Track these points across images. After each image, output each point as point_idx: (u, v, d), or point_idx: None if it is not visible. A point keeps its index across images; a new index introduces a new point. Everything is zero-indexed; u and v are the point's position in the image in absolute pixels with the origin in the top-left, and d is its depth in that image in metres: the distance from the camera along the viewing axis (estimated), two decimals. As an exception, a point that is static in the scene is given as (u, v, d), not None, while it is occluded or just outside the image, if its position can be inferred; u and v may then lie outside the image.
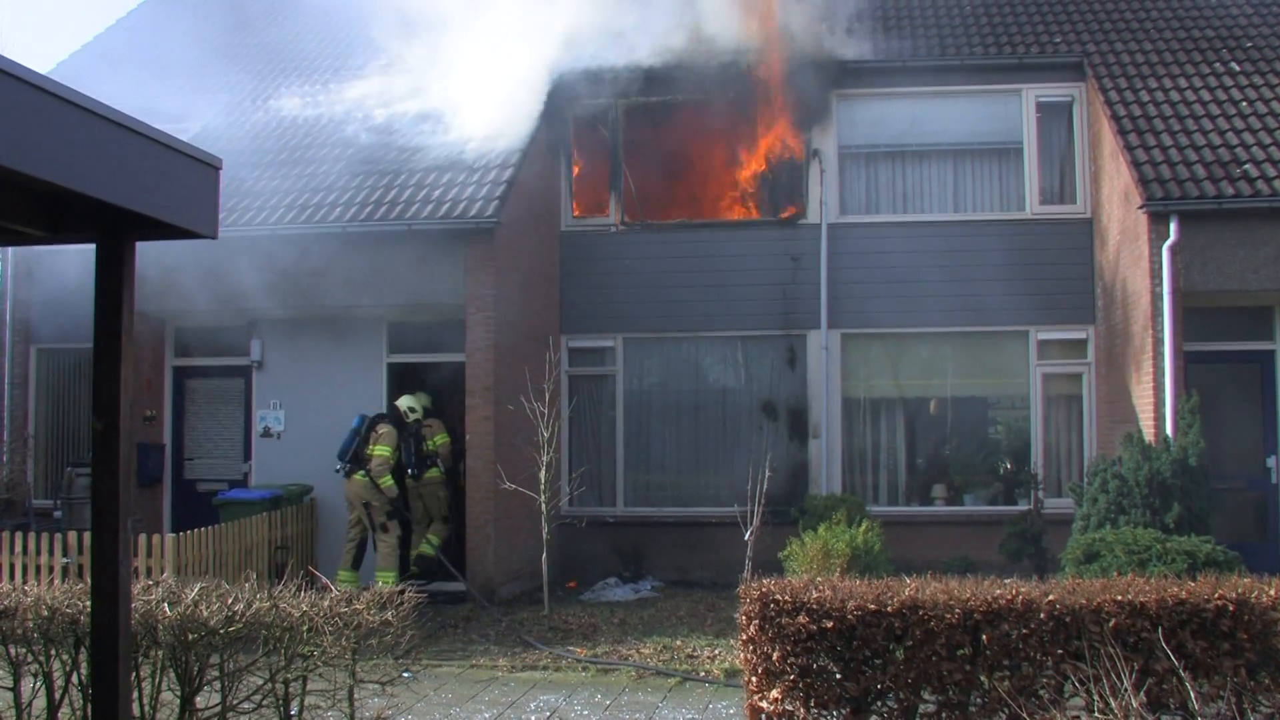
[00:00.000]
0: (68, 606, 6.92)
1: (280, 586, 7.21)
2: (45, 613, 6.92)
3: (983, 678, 6.13)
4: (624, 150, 17.18)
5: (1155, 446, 12.56)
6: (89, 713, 6.59)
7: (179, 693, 6.74)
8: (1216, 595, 6.12)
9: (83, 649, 6.86)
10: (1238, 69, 15.92)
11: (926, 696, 6.28)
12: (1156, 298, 13.46)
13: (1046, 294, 16.04)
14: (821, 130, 16.79)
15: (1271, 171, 13.80)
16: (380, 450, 14.07)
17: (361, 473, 14.10)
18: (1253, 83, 15.59)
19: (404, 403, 14.61)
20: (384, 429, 14.22)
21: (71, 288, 14.33)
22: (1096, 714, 5.45)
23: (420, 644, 10.65)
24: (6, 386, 16.84)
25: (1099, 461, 13.09)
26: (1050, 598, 6.16)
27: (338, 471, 14.25)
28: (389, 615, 6.88)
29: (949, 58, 16.88)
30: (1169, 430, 13.07)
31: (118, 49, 20.36)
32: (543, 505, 13.44)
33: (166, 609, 6.64)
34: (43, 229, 4.81)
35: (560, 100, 16.59)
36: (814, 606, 6.26)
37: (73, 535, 12.43)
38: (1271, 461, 14.44)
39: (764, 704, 6.38)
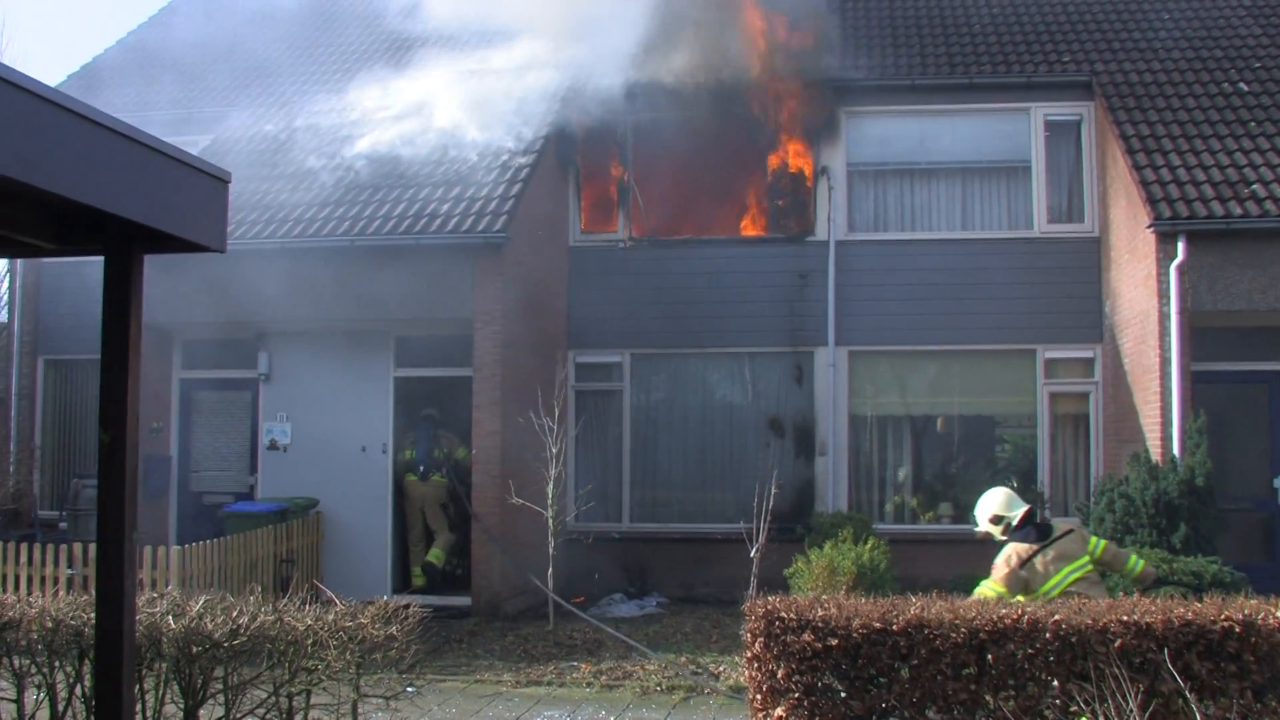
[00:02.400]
0: (72, 618, 6.92)
1: (285, 600, 7.20)
2: (50, 624, 6.92)
3: (988, 697, 6.10)
4: (633, 165, 17.21)
5: (1162, 466, 12.53)
6: (92, 725, 6.59)
7: (182, 705, 6.74)
8: (1223, 617, 6.08)
9: (87, 661, 6.86)
10: (1246, 89, 15.92)
11: (931, 715, 6.25)
12: (1164, 317, 13.44)
13: (1054, 313, 16.03)
14: (830, 147, 16.80)
15: (1280, 191, 13.79)
16: (461, 452, 15.13)
17: (439, 474, 15.16)
18: (1261, 103, 15.57)
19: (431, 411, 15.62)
20: (446, 434, 15.38)
21: (80, 299, 14.37)
22: (1102, 735, 5.43)
23: (424, 658, 10.66)
24: (14, 397, 16.90)
25: (1106, 481, 13.05)
26: (1056, 618, 6.13)
27: (416, 477, 15.14)
28: (394, 629, 6.87)
29: (958, 76, 16.90)
30: (1176, 450, 13.04)
31: (144, 49, 20.53)
32: (549, 520, 13.43)
33: (171, 621, 6.64)
34: (51, 241, 4.81)
35: (569, 115, 16.63)
36: (819, 624, 6.24)
37: (78, 546, 12.43)
38: (1279, 482, 14.39)
39: (768, 722, 6.35)
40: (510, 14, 16.77)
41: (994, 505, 8.56)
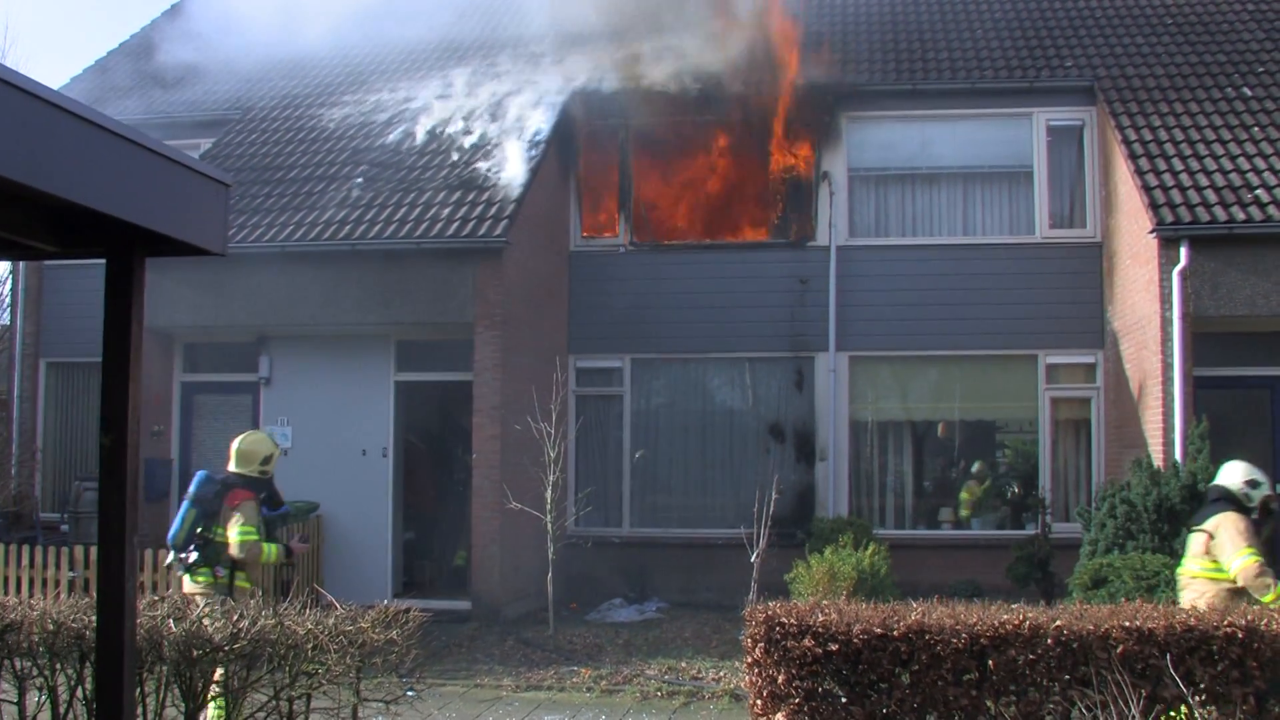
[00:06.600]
0: (73, 621, 6.91)
1: (286, 603, 7.19)
2: (51, 627, 6.91)
3: (989, 703, 6.09)
4: (633, 171, 17.21)
5: (1164, 471, 12.50)
6: (92, 728, 6.58)
7: (183, 709, 6.73)
8: (1225, 622, 6.08)
9: (88, 664, 6.84)
10: (1249, 94, 15.91)
11: (932, 721, 6.25)
12: (1166, 322, 13.42)
13: (1056, 318, 16.01)
14: (831, 153, 16.79)
15: (1282, 197, 13.76)
16: None
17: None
18: (1264, 108, 15.54)
19: None
20: None
21: (82, 302, 14.36)
22: (1104, 741, 5.42)
23: (425, 663, 10.66)
24: (16, 400, 16.89)
25: (1107, 486, 13.03)
26: (1057, 623, 6.13)
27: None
28: (394, 634, 6.86)
29: (959, 81, 16.89)
30: (1178, 455, 13.02)
31: (146, 51, 20.53)
32: (548, 525, 13.42)
33: (172, 625, 6.63)
34: (53, 244, 4.81)
35: (570, 120, 16.63)
36: (820, 630, 6.24)
37: (79, 549, 12.43)
38: (1281, 488, 14.36)
39: (769, 727, 6.34)
40: (514, 19, 16.77)
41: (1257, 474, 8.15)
